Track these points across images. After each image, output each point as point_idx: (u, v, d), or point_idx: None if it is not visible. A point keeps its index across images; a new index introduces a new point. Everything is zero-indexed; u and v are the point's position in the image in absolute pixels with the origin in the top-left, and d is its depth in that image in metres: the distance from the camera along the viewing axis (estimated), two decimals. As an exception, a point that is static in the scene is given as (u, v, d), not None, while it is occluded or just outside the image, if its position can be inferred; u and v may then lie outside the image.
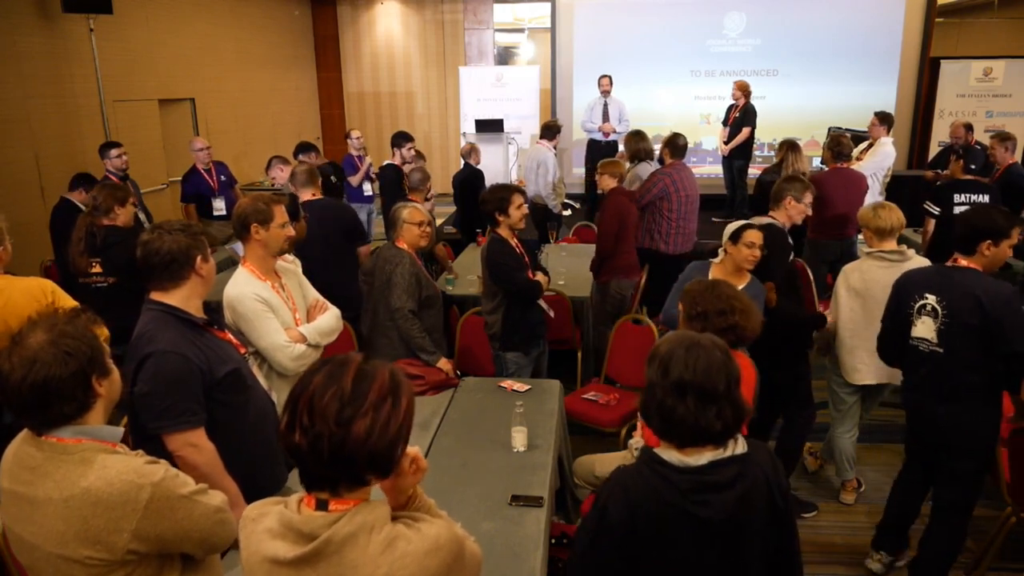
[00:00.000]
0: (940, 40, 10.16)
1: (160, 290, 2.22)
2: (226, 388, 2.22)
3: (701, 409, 1.54)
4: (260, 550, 1.26)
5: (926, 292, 2.80)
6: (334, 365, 1.25)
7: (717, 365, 1.56)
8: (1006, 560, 3.21)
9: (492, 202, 3.73)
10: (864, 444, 4.08)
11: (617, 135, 8.50)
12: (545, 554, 2.28)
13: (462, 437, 2.97)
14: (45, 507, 1.51)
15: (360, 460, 1.21)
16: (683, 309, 2.53)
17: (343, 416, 1.20)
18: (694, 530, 1.57)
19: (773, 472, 1.66)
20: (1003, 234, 2.69)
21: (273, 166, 6.18)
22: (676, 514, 1.56)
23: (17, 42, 5.94)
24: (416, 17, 11.90)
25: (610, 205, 4.80)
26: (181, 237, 2.20)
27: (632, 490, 1.59)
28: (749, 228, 3.25)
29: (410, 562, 1.23)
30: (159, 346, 2.11)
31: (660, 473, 1.58)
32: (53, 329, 1.54)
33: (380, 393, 1.23)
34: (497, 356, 3.88)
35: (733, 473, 1.57)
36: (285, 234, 2.82)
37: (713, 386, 1.54)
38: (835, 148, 5.52)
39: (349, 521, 1.22)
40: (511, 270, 3.72)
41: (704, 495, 1.55)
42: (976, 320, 2.64)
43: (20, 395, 1.50)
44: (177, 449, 2.10)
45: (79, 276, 3.72)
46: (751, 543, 1.61)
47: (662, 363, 1.59)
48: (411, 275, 3.50)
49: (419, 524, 1.28)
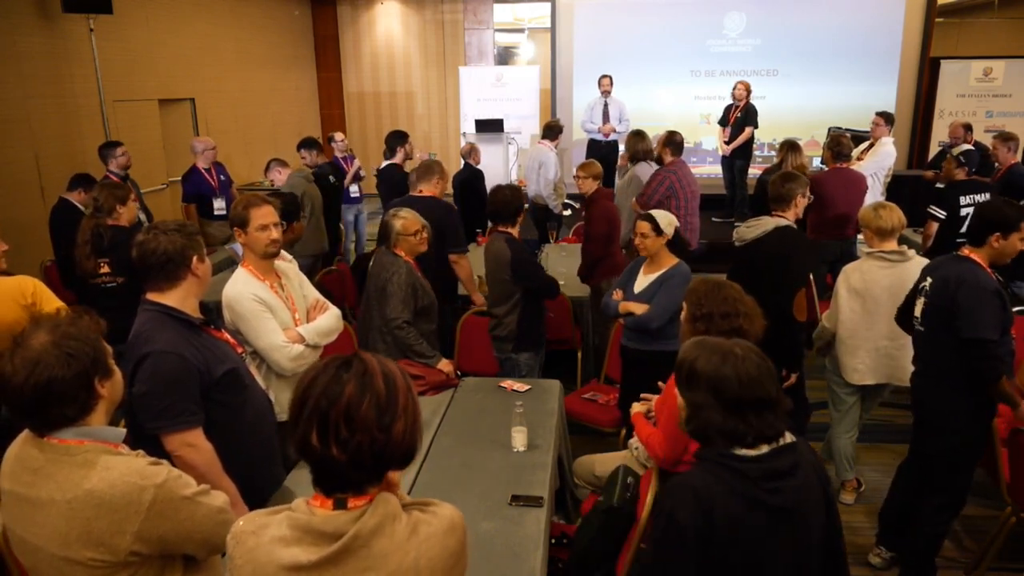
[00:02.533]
0: (940, 40, 10.17)
1: (156, 291, 2.22)
2: (224, 388, 2.22)
3: (760, 419, 1.57)
4: (273, 560, 1.23)
5: (928, 275, 2.91)
6: (359, 371, 1.23)
7: (764, 371, 1.59)
8: (1006, 560, 3.21)
9: (514, 202, 3.74)
10: (864, 444, 4.08)
11: (617, 135, 8.51)
12: (545, 554, 2.28)
13: (462, 437, 2.97)
14: (48, 508, 1.51)
15: (396, 459, 1.25)
16: (687, 309, 2.53)
17: (383, 422, 1.21)
18: (767, 520, 1.57)
19: (816, 459, 1.70)
20: (1012, 226, 2.74)
21: (272, 168, 6.17)
22: (750, 506, 1.56)
23: (17, 42, 5.94)
24: (416, 17, 11.90)
25: (597, 209, 4.78)
26: (177, 237, 2.20)
27: (701, 489, 1.57)
28: (637, 219, 3.57)
29: (435, 543, 1.27)
30: (157, 346, 2.11)
31: (729, 466, 1.58)
32: (56, 330, 1.54)
33: (405, 393, 1.26)
34: (508, 359, 3.87)
35: (791, 461, 1.60)
36: (266, 237, 2.78)
37: (767, 392, 1.58)
38: (835, 148, 5.52)
39: (373, 514, 1.23)
40: (537, 267, 3.73)
41: (774, 482, 1.57)
42: (943, 302, 2.76)
43: (23, 397, 1.49)
44: (175, 449, 2.10)
45: (88, 278, 3.73)
46: (814, 529, 1.64)
47: (711, 384, 1.60)
48: (408, 285, 3.42)
49: (431, 508, 1.32)
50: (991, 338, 2.64)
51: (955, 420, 2.82)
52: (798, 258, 3.42)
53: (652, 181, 5.32)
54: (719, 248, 7.52)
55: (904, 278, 3.33)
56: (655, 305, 3.45)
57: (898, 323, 3.19)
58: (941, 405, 2.85)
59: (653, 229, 3.49)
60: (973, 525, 3.50)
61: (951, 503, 2.95)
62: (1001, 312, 2.68)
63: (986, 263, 2.78)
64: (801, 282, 3.41)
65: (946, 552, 3.27)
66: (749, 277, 3.26)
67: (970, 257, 2.80)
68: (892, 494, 3.23)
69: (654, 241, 3.50)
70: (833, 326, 3.58)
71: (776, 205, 3.56)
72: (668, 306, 3.43)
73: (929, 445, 2.93)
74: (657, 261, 3.56)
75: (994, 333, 2.65)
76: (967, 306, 2.67)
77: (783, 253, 3.39)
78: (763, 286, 3.14)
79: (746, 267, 3.49)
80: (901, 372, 3.43)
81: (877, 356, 3.47)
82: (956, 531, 3.45)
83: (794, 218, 3.60)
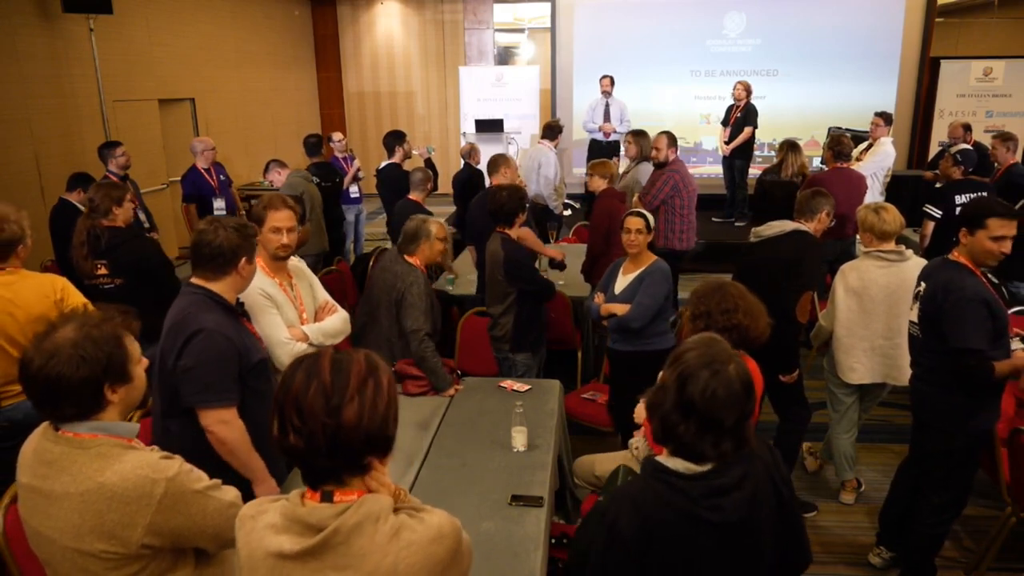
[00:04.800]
0: (940, 40, 10.16)
1: (203, 278, 2.33)
2: (256, 375, 2.34)
3: (700, 435, 1.51)
4: (263, 545, 1.26)
5: (922, 280, 2.90)
6: (309, 362, 1.27)
7: (733, 399, 1.51)
8: (1006, 560, 3.21)
9: (514, 202, 3.74)
10: (863, 444, 4.08)
11: (618, 135, 8.52)
12: (545, 554, 2.28)
13: (462, 437, 2.97)
14: (61, 501, 1.53)
15: (358, 445, 1.24)
16: (688, 310, 2.53)
17: (331, 407, 1.22)
18: (709, 535, 1.55)
19: (773, 462, 1.66)
20: (978, 223, 2.67)
21: (271, 169, 6.16)
22: (689, 521, 1.54)
23: (17, 42, 5.94)
24: (416, 17, 11.90)
25: (600, 205, 4.81)
26: (234, 236, 2.31)
27: (641, 502, 1.56)
28: (628, 215, 3.58)
29: (416, 550, 1.25)
30: (208, 325, 2.22)
31: (667, 482, 1.55)
32: (81, 329, 1.56)
33: (360, 377, 1.25)
34: (506, 359, 3.87)
35: (739, 473, 1.55)
36: (277, 240, 2.83)
37: (720, 419, 1.50)
38: (836, 148, 5.52)
39: (356, 511, 1.24)
40: (532, 270, 3.73)
41: (715, 499, 1.53)
42: (931, 309, 2.76)
43: (36, 384, 1.53)
44: (210, 424, 2.20)
45: (85, 279, 3.72)
46: (764, 538, 1.61)
47: (682, 376, 1.54)
48: (426, 295, 3.36)
49: (421, 514, 1.31)
50: (978, 347, 2.62)
51: (954, 421, 2.82)
52: (811, 262, 3.44)
53: (656, 181, 5.31)
54: (719, 248, 7.54)
55: (902, 278, 3.33)
56: (635, 304, 3.46)
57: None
58: (940, 406, 2.84)
59: (646, 225, 3.52)
60: (973, 525, 3.50)
61: (951, 503, 2.94)
62: (989, 321, 2.63)
63: (971, 264, 2.74)
64: (809, 285, 3.43)
65: (946, 552, 3.27)
66: (760, 275, 3.27)
67: (959, 261, 2.77)
68: (892, 494, 3.23)
69: (646, 237, 3.54)
70: (830, 325, 3.58)
71: (800, 215, 3.57)
72: (649, 304, 3.44)
73: (929, 446, 2.93)
74: (637, 260, 3.58)
75: (981, 342, 2.62)
76: (953, 317, 2.65)
77: (798, 256, 3.41)
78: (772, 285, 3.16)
79: (758, 265, 3.50)
80: (898, 372, 3.43)
81: (874, 356, 3.47)
82: (956, 531, 3.45)
83: (815, 230, 3.60)
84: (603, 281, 3.73)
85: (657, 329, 3.49)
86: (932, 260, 3.02)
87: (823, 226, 3.58)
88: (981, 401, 2.79)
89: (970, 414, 2.79)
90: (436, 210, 5.63)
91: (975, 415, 2.80)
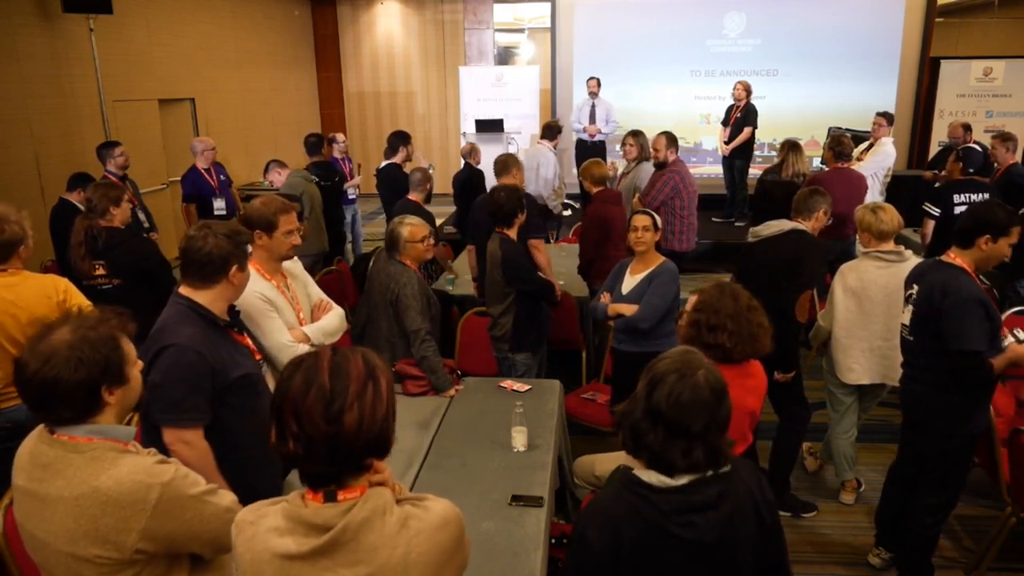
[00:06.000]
0: (940, 40, 10.17)
1: (190, 286, 2.24)
2: (236, 392, 2.23)
3: (668, 442, 1.48)
4: (268, 548, 1.25)
5: (913, 282, 2.89)
6: (307, 365, 1.25)
7: (700, 404, 1.48)
8: (1006, 560, 3.21)
9: (513, 202, 3.72)
10: (863, 444, 4.08)
11: (603, 136, 8.59)
12: (545, 554, 2.28)
13: (462, 437, 2.97)
14: (56, 505, 1.52)
15: (358, 449, 1.23)
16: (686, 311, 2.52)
17: (330, 413, 1.20)
18: (681, 553, 1.51)
19: (759, 489, 1.61)
20: (1002, 230, 2.70)
21: (271, 169, 6.16)
22: (660, 536, 1.50)
23: (17, 42, 5.94)
24: (416, 17, 11.91)
25: (591, 211, 4.79)
26: (224, 243, 2.21)
27: (612, 514, 1.54)
28: (635, 213, 3.57)
29: (425, 538, 1.26)
30: (178, 340, 2.12)
31: (640, 495, 1.52)
32: (77, 331, 1.53)
33: (360, 382, 1.24)
34: (505, 359, 3.86)
35: (716, 492, 1.51)
36: (291, 241, 2.82)
37: (686, 424, 1.47)
38: (836, 148, 5.52)
39: (362, 507, 1.24)
40: (529, 270, 3.72)
41: (688, 516, 1.49)
42: (927, 311, 2.74)
43: (31, 387, 1.51)
44: (171, 444, 2.11)
45: (83, 279, 3.72)
46: (741, 563, 1.57)
47: (651, 382, 1.52)
48: (421, 295, 3.37)
49: (424, 503, 1.32)
50: (979, 349, 2.62)
51: (950, 421, 2.81)
52: (810, 261, 3.43)
53: (656, 182, 5.31)
54: (718, 248, 7.54)
55: (901, 278, 3.31)
56: (644, 304, 3.45)
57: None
58: (935, 406, 2.83)
59: (653, 224, 3.51)
60: (973, 525, 3.50)
61: (944, 503, 2.95)
62: (987, 322, 2.64)
63: (971, 267, 2.74)
64: (809, 285, 3.43)
65: (946, 552, 3.28)
66: (760, 275, 3.28)
67: (955, 263, 2.75)
68: (885, 495, 3.23)
69: (653, 235, 3.52)
70: (829, 325, 3.58)
71: (798, 214, 3.58)
72: (659, 305, 3.43)
73: (924, 446, 2.92)
74: (644, 260, 3.57)
75: (981, 343, 2.63)
76: (954, 319, 2.65)
77: (797, 255, 3.41)
78: (772, 285, 3.17)
79: (758, 265, 3.50)
80: (896, 372, 3.41)
81: (872, 356, 3.47)
82: (956, 531, 3.45)
83: (813, 229, 3.60)
84: (609, 281, 3.71)
85: (665, 330, 3.47)
86: (921, 262, 3.02)
87: (820, 225, 3.59)
88: (977, 401, 2.79)
89: (966, 414, 2.79)
90: (436, 210, 5.63)
91: (971, 415, 2.80)
